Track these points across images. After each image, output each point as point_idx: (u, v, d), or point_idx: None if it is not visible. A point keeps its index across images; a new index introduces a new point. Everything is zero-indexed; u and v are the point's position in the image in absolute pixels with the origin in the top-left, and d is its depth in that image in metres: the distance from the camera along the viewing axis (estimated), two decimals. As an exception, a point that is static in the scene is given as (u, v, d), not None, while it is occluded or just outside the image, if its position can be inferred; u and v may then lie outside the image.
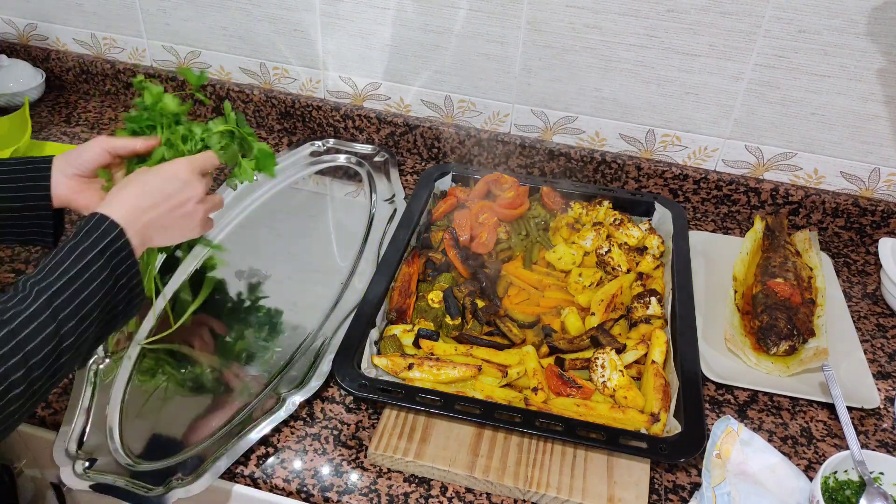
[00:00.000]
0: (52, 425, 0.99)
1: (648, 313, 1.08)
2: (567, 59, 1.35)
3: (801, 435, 1.01)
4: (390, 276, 1.10)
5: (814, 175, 1.37)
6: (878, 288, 1.27)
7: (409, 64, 1.46)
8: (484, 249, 1.20)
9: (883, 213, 1.34)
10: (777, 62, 1.26)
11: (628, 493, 0.89)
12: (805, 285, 1.18)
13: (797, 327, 1.09)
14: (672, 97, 1.35)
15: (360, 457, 0.95)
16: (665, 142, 1.40)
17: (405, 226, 1.21)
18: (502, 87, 1.43)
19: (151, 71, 1.61)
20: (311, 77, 1.54)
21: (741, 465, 0.91)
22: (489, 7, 1.34)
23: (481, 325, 1.07)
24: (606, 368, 0.99)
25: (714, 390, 1.07)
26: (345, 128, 1.56)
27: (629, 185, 1.45)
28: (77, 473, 0.89)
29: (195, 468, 0.90)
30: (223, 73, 1.59)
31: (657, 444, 0.88)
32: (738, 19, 1.23)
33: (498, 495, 0.91)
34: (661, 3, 1.25)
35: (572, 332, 1.08)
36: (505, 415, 0.91)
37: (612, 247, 1.19)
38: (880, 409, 1.05)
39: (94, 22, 1.60)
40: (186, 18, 1.53)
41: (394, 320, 1.07)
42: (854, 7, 1.17)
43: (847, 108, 1.28)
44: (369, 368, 0.98)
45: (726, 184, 1.39)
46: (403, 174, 1.50)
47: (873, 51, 1.21)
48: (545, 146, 1.45)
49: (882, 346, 1.15)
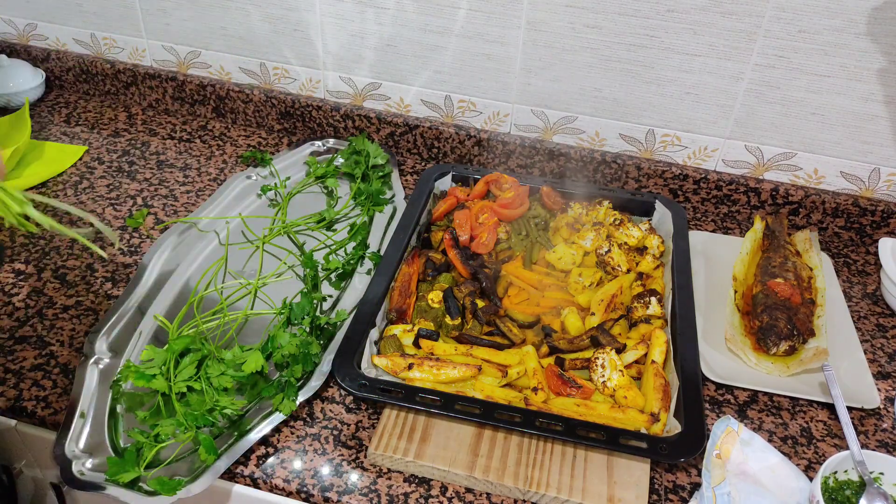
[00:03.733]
0: (52, 425, 0.99)
1: (648, 313, 1.08)
2: (567, 59, 1.35)
3: (801, 435, 1.01)
4: (390, 276, 1.10)
5: (814, 175, 1.37)
6: (878, 288, 1.27)
7: (409, 64, 1.46)
8: (484, 249, 1.20)
9: (883, 213, 1.34)
10: (777, 62, 1.26)
11: (628, 493, 0.89)
12: (805, 285, 1.18)
13: (797, 327, 1.09)
14: (672, 97, 1.35)
15: (360, 457, 0.95)
16: (665, 142, 1.40)
17: (405, 226, 1.21)
18: (502, 87, 1.43)
19: (151, 71, 1.61)
20: (311, 77, 1.54)
21: (741, 465, 0.91)
22: (489, 7, 1.34)
23: (481, 325, 1.07)
24: (606, 368, 0.99)
25: (714, 390, 1.07)
26: (345, 128, 1.56)
27: (629, 185, 1.45)
28: (77, 473, 0.89)
29: (195, 468, 0.90)
30: (223, 73, 1.59)
31: (657, 444, 0.88)
32: (738, 19, 1.23)
33: (498, 495, 0.91)
34: (661, 3, 1.25)
35: (572, 332, 1.08)
36: (505, 415, 0.91)
37: (612, 247, 1.19)
38: (880, 409, 1.05)
39: (94, 22, 1.60)
40: (186, 18, 1.53)
41: (394, 320, 1.07)
42: (854, 7, 1.17)
43: (847, 108, 1.28)
44: (369, 368, 0.98)
45: (726, 184, 1.39)
46: (403, 174, 1.50)
47: (873, 51, 1.21)
48: (545, 146, 1.45)
49: (882, 346, 1.15)
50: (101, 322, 1.09)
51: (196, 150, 1.53)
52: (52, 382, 1.03)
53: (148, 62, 1.63)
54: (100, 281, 1.19)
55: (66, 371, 1.04)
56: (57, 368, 1.04)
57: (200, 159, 1.50)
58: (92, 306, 1.14)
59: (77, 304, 1.14)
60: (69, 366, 1.05)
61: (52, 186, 1.39)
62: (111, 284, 1.18)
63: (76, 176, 1.42)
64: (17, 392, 1.01)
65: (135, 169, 1.46)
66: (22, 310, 1.12)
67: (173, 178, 1.43)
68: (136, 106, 1.67)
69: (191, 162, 1.49)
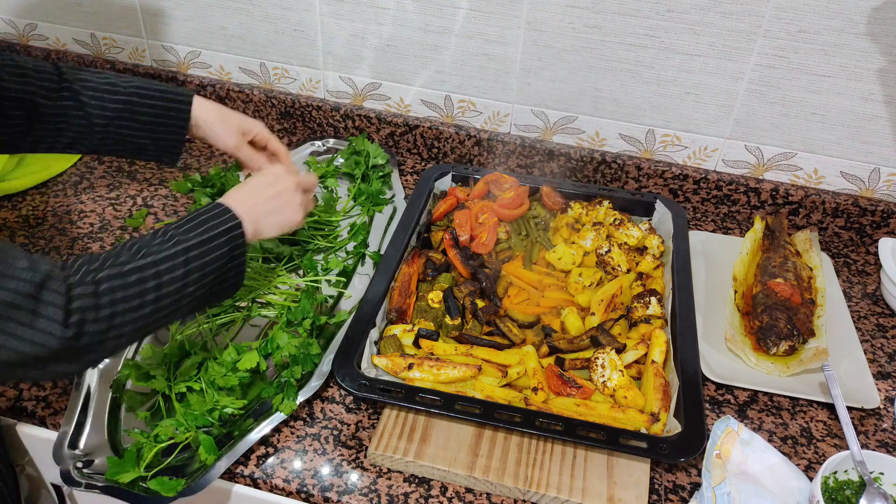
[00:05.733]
0: (52, 425, 0.99)
1: (648, 313, 1.08)
2: (567, 59, 1.35)
3: (801, 435, 1.01)
4: (390, 276, 1.10)
5: (814, 175, 1.37)
6: (878, 288, 1.27)
7: (409, 64, 1.46)
8: (484, 249, 1.20)
9: (883, 213, 1.34)
10: (777, 62, 1.26)
11: (628, 493, 0.89)
12: (805, 285, 1.18)
13: (797, 327, 1.09)
14: (672, 97, 1.35)
15: (360, 457, 0.95)
16: (665, 142, 1.40)
17: (405, 226, 1.21)
18: (502, 87, 1.43)
19: (151, 71, 1.61)
20: (310, 77, 1.54)
21: (741, 465, 0.91)
22: (489, 7, 1.34)
23: (481, 325, 1.07)
24: (606, 368, 0.99)
25: (714, 390, 1.07)
26: (345, 128, 1.56)
27: (629, 185, 1.45)
28: (77, 473, 0.89)
29: (195, 468, 0.90)
30: (223, 73, 1.59)
31: (657, 444, 0.88)
32: (738, 19, 1.23)
33: (498, 495, 0.91)
34: (661, 3, 1.25)
35: (572, 332, 1.08)
36: (505, 415, 0.91)
37: (612, 247, 1.19)
38: (880, 409, 1.05)
39: (94, 22, 1.60)
40: (186, 18, 1.53)
41: (394, 320, 1.07)
42: (854, 7, 1.17)
43: (847, 108, 1.28)
44: (369, 368, 0.98)
45: (726, 184, 1.39)
46: (403, 174, 1.50)
47: (873, 51, 1.21)
48: (545, 146, 1.45)
49: (882, 346, 1.15)
50: (101, 322, 1.09)
51: (196, 150, 1.53)
52: (52, 382, 1.03)
53: (148, 62, 1.63)
54: (100, 281, 1.19)
55: (66, 371, 1.04)
56: (57, 368, 1.04)
57: (200, 159, 1.50)
58: (92, 306, 1.14)
59: (77, 304, 1.14)
60: (69, 366, 1.05)
61: (53, 186, 1.39)
62: (111, 284, 1.18)
63: (76, 176, 1.42)
64: (17, 392, 1.01)
65: (135, 169, 1.45)
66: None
67: (173, 178, 1.43)
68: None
69: (191, 162, 1.49)
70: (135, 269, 0.77)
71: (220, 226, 0.87)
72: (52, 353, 0.71)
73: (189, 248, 0.83)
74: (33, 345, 0.69)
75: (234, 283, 0.91)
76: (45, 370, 0.73)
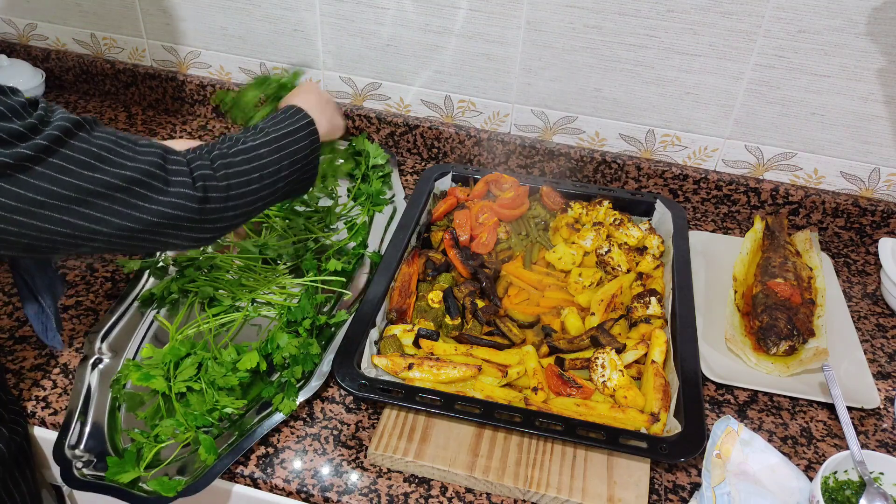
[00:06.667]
0: (52, 425, 0.99)
1: (648, 313, 1.08)
2: (567, 59, 1.35)
3: (801, 435, 1.01)
4: (390, 276, 1.10)
5: (814, 175, 1.37)
6: (878, 288, 1.27)
7: (409, 64, 1.46)
8: (484, 249, 1.20)
9: (883, 213, 1.34)
10: (777, 62, 1.26)
11: (628, 493, 0.89)
12: (805, 285, 1.18)
13: (797, 327, 1.09)
14: (672, 97, 1.35)
15: (360, 457, 0.95)
16: (665, 142, 1.40)
17: (405, 226, 1.21)
18: (502, 87, 1.43)
19: (152, 71, 1.61)
20: (310, 77, 1.54)
21: (741, 465, 0.91)
22: (489, 7, 1.34)
23: (481, 325, 1.07)
24: (606, 368, 0.99)
25: (714, 390, 1.07)
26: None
27: (629, 185, 1.45)
28: (77, 473, 0.89)
29: (195, 468, 0.90)
30: (223, 73, 1.59)
31: (657, 444, 0.88)
32: (738, 19, 1.23)
33: (498, 495, 0.91)
34: (661, 3, 1.25)
35: (572, 332, 1.08)
36: (505, 415, 0.91)
37: (612, 247, 1.19)
38: (880, 409, 1.05)
39: (94, 22, 1.60)
40: (186, 18, 1.53)
41: (394, 320, 1.07)
42: (854, 7, 1.17)
43: (847, 108, 1.28)
44: (369, 368, 0.98)
45: (726, 184, 1.39)
46: (403, 174, 1.50)
47: (873, 51, 1.21)
48: (545, 146, 1.45)
49: (882, 346, 1.15)
50: (101, 322, 1.09)
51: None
52: (52, 382, 1.03)
53: (148, 62, 1.63)
54: (100, 281, 1.19)
55: (66, 371, 1.04)
56: (57, 368, 1.04)
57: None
58: (92, 306, 1.14)
59: (77, 304, 1.14)
60: (69, 366, 1.05)
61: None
62: (111, 284, 1.18)
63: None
64: (17, 392, 1.01)
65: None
66: (22, 309, 1.12)
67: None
68: (136, 106, 1.67)
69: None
70: (238, 152, 0.88)
71: (300, 121, 0.97)
72: (189, 213, 0.80)
73: (279, 138, 0.93)
74: (174, 205, 0.78)
75: (311, 177, 1.01)
76: (181, 235, 0.81)
